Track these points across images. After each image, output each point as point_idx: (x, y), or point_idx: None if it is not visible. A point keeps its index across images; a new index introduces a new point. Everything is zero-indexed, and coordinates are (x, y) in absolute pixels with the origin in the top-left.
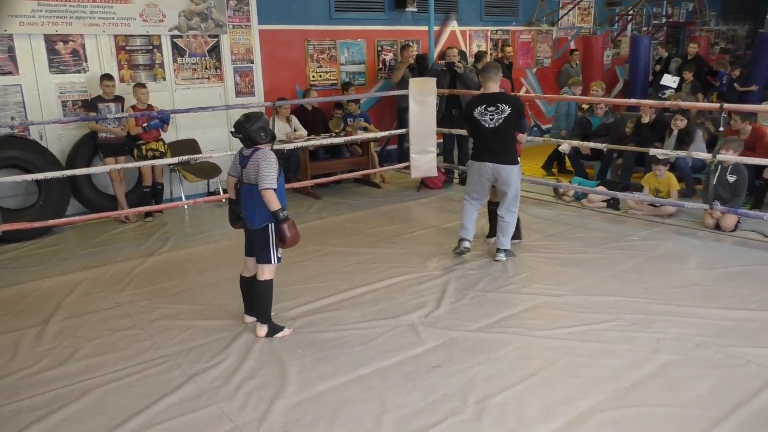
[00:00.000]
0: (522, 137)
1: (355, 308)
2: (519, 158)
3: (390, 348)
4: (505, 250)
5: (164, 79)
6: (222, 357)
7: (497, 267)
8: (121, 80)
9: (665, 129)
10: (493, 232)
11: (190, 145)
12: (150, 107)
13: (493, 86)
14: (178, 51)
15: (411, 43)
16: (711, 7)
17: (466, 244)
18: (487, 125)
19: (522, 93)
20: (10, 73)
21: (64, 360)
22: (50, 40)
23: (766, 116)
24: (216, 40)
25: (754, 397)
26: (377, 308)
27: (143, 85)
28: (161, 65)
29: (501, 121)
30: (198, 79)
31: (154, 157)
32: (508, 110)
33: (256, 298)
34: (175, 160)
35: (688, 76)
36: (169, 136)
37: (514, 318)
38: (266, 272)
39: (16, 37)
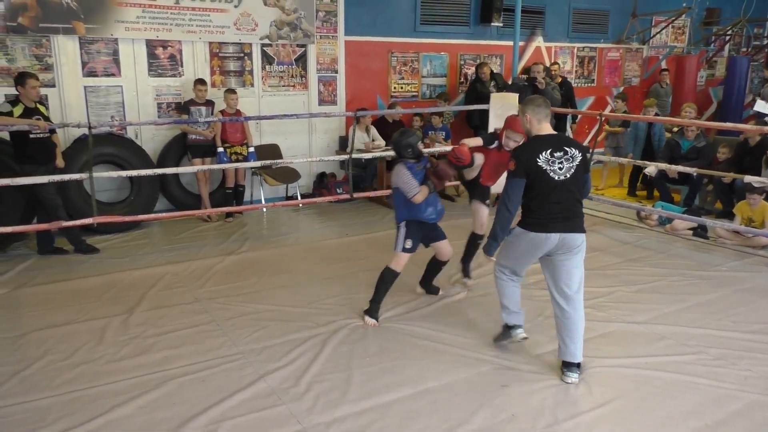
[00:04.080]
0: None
1: (424, 320)
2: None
3: (458, 363)
4: (578, 365)
5: (252, 85)
6: (292, 358)
7: None
8: (213, 85)
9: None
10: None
11: (272, 150)
12: (238, 112)
13: (549, 128)
14: (266, 59)
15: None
16: None
17: (523, 334)
18: (557, 177)
19: (607, 112)
20: (113, 74)
21: (145, 349)
22: (151, 45)
23: None
24: (303, 49)
25: None
26: (445, 321)
27: (233, 91)
28: (250, 72)
29: (573, 170)
30: (284, 86)
31: (237, 161)
32: (579, 156)
33: (379, 278)
34: (258, 163)
35: None
36: (254, 140)
37: (588, 343)
38: (393, 261)
39: (120, 41)
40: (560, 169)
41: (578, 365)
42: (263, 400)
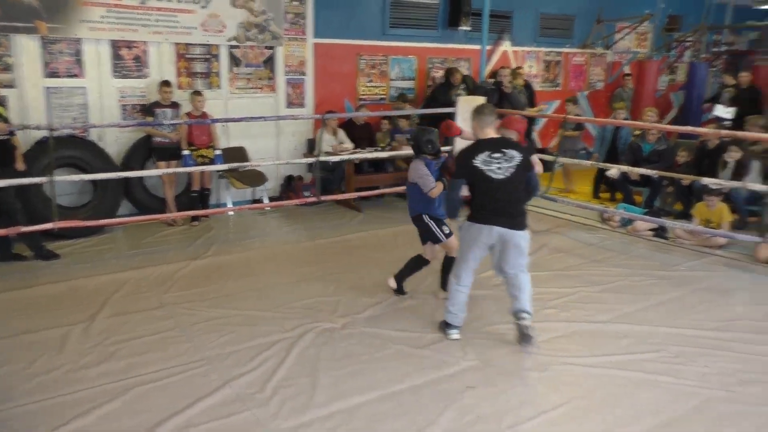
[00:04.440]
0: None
1: (391, 322)
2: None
3: (425, 365)
4: (528, 312)
5: (219, 87)
6: (258, 363)
7: (536, 292)
8: (179, 87)
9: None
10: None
11: (239, 153)
12: (204, 114)
13: (492, 132)
14: (234, 61)
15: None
16: None
17: (456, 335)
18: (495, 176)
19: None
20: (75, 75)
21: (107, 357)
22: (115, 46)
23: None
24: (271, 51)
25: None
26: (413, 324)
27: (200, 93)
28: (218, 74)
29: (512, 170)
30: (251, 88)
31: (203, 163)
32: (518, 157)
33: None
34: (225, 166)
35: None
36: (220, 143)
37: (552, 343)
38: (429, 252)
39: (84, 42)
40: (499, 169)
41: (528, 312)
42: (228, 406)
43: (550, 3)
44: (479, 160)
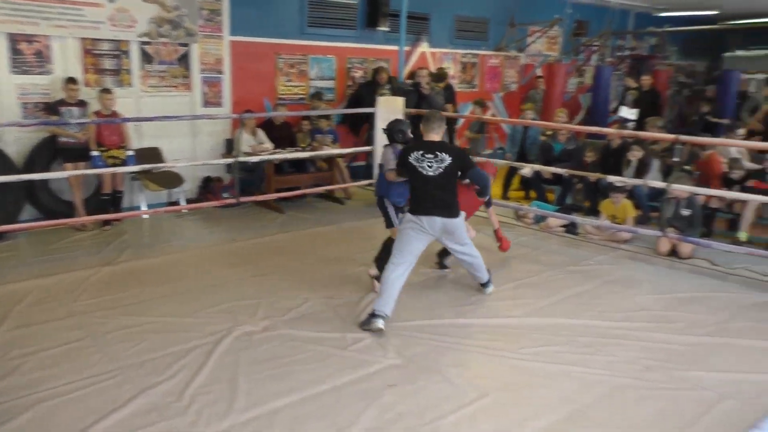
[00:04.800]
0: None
1: (313, 324)
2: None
3: (346, 365)
4: (490, 281)
5: (131, 85)
6: (175, 371)
7: (448, 289)
8: (86, 84)
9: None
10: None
11: (153, 154)
12: (114, 113)
13: (435, 136)
14: (146, 58)
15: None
16: (672, 43)
17: (381, 324)
18: (426, 173)
19: (488, 116)
20: None
21: (10, 372)
22: (13, 39)
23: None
24: (186, 48)
25: (698, 421)
26: (334, 325)
27: (109, 91)
28: (128, 71)
29: (441, 170)
30: (165, 87)
31: (114, 165)
32: (449, 159)
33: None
34: (137, 168)
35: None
36: (133, 143)
37: (471, 338)
38: (393, 235)
39: None
40: (429, 167)
41: (489, 281)
42: (143, 417)
43: (465, 6)
44: (413, 158)
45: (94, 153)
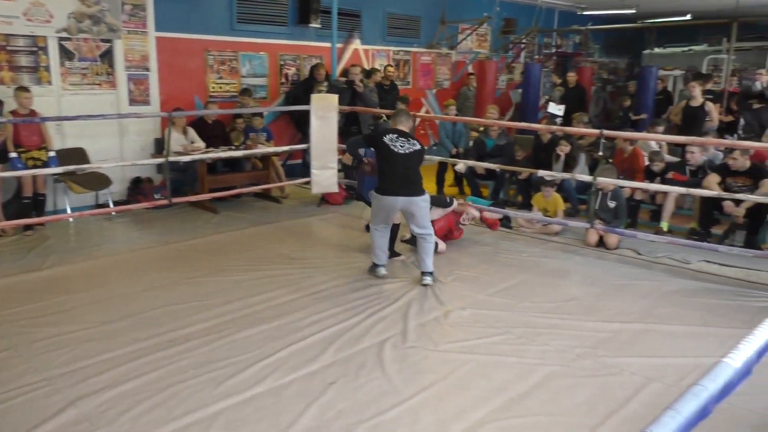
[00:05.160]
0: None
1: (252, 325)
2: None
3: (285, 365)
4: (431, 273)
5: (50, 83)
6: (107, 379)
7: (388, 284)
8: (1, 82)
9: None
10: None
11: (77, 154)
12: (33, 112)
13: (403, 128)
14: (66, 54)
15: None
16: (595, 41)
17: (384, 271)
18: (397, 150)
19: (422, 113)
20: None
21: None
22: None
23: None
24: (109, 44)
25: (626, 404)
26: (274, 325)
27: (26, 89)
28: (47, 68)
29: (411, 150)
30: (88, 84)
31: (35, 166)
32: (417, 146)
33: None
34: (60, 169)
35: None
36: (55, 143)
37: (408, 333)
38: None
39: None
40: (402, 146)
41: (431, 273)
42: (74, 428)
43: (396, 3)
44: (387, 138)
45: (12, 154)
